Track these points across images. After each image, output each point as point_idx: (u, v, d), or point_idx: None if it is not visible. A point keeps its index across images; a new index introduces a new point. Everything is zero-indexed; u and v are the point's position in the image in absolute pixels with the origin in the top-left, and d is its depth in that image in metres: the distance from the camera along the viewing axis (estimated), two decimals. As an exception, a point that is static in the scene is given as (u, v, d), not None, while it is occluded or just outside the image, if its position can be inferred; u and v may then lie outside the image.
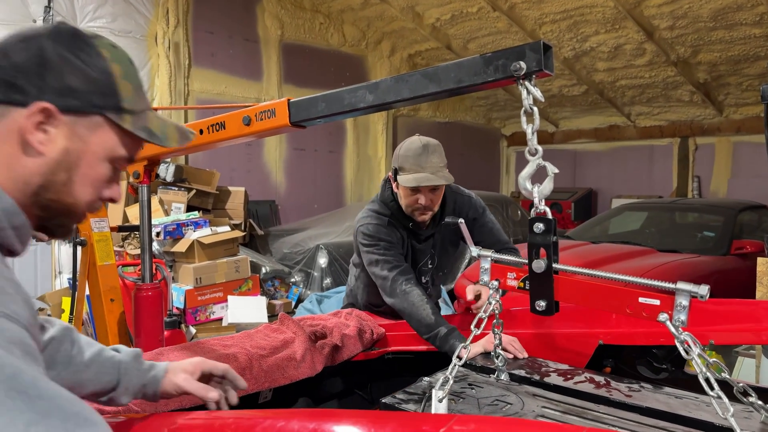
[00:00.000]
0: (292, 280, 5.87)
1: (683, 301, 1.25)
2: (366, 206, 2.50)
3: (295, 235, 6.70)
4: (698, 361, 1.21)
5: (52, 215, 0.90)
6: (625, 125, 11.12)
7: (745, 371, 2.81)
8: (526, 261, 1.41)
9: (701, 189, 10.44)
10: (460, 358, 1.43)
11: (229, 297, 5.27)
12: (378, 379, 2.49)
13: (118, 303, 2.89)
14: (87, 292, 3.04)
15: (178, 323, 4.15)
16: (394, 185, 2.39)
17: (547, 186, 1.39)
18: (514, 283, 1.45)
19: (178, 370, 1.19)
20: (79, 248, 2.91)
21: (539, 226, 1.39)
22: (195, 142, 1.92)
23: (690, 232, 6.16)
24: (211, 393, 1.17)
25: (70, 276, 3.92)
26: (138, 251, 5.56)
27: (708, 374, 1.20)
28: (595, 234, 6.45)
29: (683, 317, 1.25)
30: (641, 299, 1.30)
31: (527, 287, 1.42)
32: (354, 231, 2.47)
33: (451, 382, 1.39)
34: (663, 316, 1.26)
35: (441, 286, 2.88)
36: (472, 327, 1.46)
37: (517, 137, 12.77)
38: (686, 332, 1.24)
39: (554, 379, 1.71)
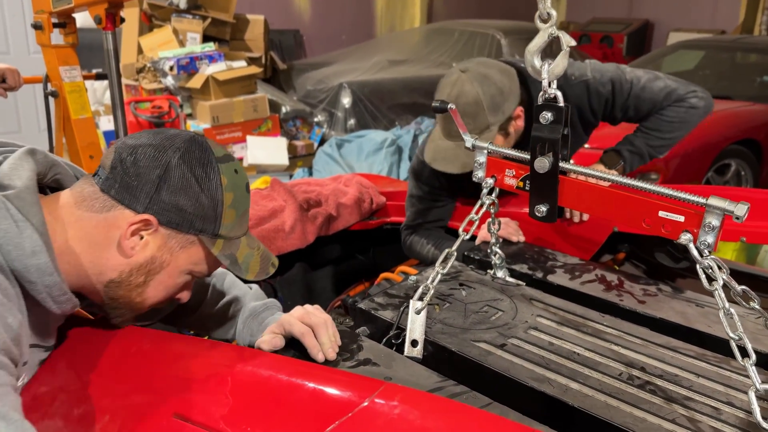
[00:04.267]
0: (315, 120, 5.61)
1: (713, 220, 1.00)
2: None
3: (320, 70, 6.29)
4: (722, 295, 0.99)
5: (116, 306, 0.96)
6: (696, -56, 9.83)
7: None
8: (528, 157, 1.16)
9: (771, 24, 9.39)
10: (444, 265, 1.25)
11: (248, 137, 5.10)
12: (378, 245, 2.36)
13: (98, 160, 2.73)
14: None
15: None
16: None
17: (560, 63, 1.11)
18: (512, 182, 1.22)
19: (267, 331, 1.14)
20: (51, 101, 2.67)
21: (546, 116, 1.12)
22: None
23: (748, 76, 5.60)
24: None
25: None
26: (154, 86, 5.35)
27: (732, 310, 0.99)
28: (644, 75, 5.93)
29: (710, 239, 1.01)
30: (662, 213, 1.06)
31: (527, 188, 1.19)
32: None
33: (431, 292, 1.22)
34: (686, 237, 1.03)
35: None
36: (460, 231, 1.25)
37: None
38: (712, 257, 1.02)
39: (559, 278, 1.53)
